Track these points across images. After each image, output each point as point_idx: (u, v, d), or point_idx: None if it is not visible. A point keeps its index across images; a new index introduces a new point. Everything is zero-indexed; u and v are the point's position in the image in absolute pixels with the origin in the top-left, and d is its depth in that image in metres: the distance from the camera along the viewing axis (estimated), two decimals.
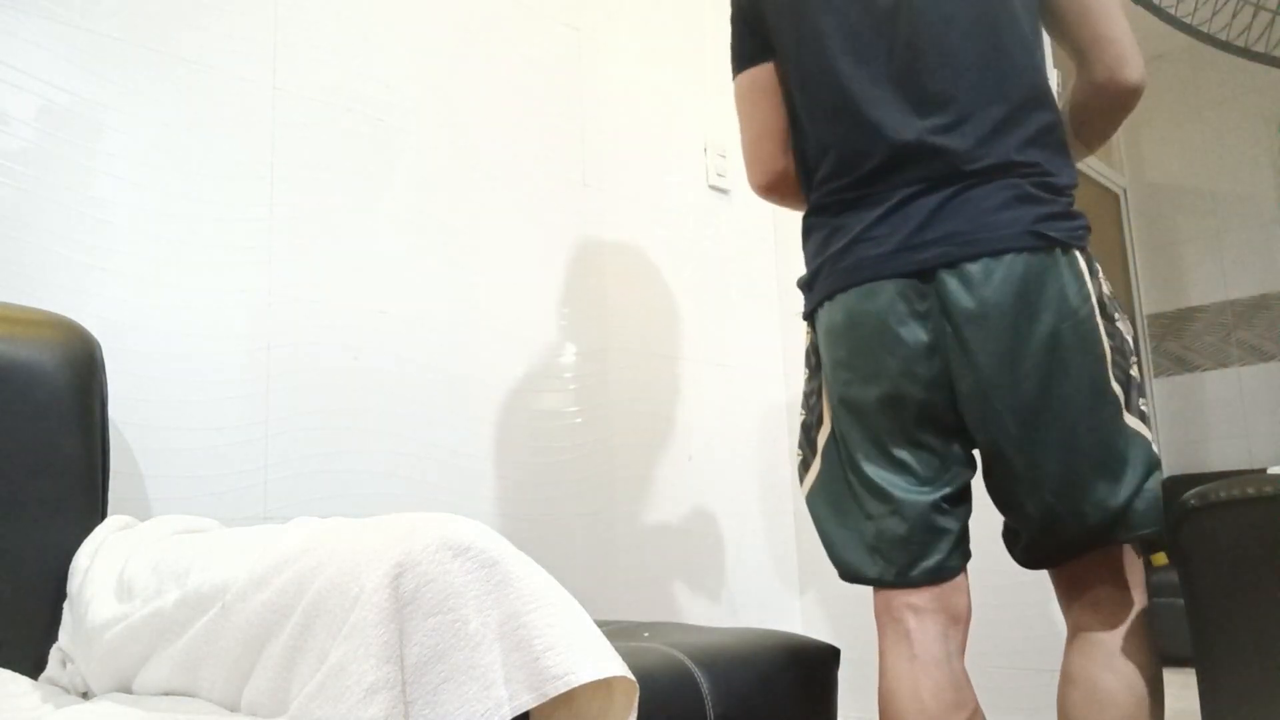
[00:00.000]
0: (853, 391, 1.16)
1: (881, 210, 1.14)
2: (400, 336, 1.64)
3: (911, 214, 1.12)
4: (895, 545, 1.15)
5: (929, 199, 1.11)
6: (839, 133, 1.18)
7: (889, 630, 1.17)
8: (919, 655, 1.14)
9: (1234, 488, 1.16)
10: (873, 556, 1.16)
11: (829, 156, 1.19)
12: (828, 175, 1.20)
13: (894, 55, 1.15)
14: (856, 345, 1.15)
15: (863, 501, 1.17)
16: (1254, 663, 1.12)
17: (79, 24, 1.34)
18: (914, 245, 1.10)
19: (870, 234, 1.14)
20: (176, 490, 1.35)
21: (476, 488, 1.70)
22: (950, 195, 1.10)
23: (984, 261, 1.08)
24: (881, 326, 1.12)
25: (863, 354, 1.15)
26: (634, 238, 2.08)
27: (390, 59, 1.70)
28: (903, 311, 1.11)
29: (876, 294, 1.12)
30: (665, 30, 2.26)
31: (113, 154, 1.35)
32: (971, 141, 1.11)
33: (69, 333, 1.14)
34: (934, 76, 1.13)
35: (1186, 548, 1.19)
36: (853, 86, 1.16)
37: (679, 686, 1.16)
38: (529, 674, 0.72)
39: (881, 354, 1.13)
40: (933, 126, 1.12)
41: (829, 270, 1.18)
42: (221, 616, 0.82)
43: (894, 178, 1.13)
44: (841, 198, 1.18)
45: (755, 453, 2.26)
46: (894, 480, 1.15)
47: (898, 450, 1.15)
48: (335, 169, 1.59)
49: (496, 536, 0.76)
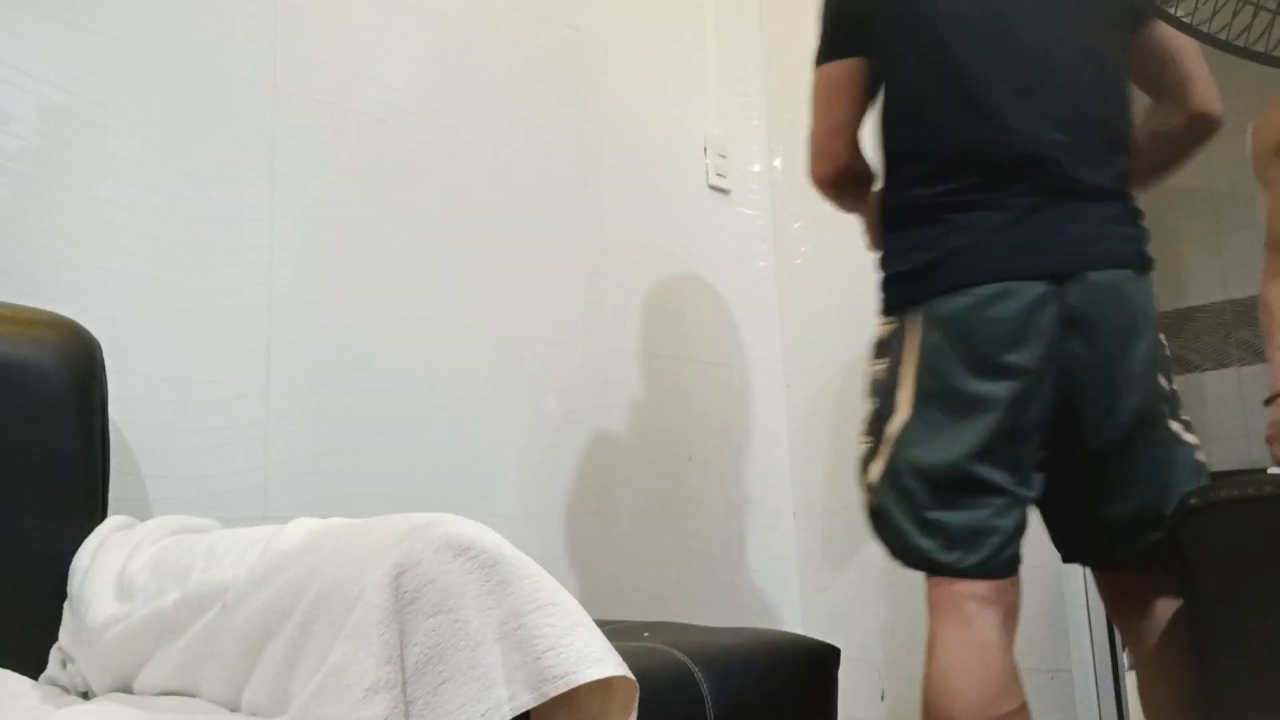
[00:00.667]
0: (969, 385, 1.18)
1: (1012, 214, 1.18)
2: (400, 336, 1.64)
3: (1041, 220, 1.17)
4: (976, 536, 1.17)
5: (1053, 209, 1.18)
6: (960, 130, 1.21)
7: (949, 615, 1.19)
8: (978, 640, 1.16)
9: (1234, 488, 1.16)
10: (949, 545, 1.18)
11: (941, 152, 1.22)
12: (938, 172, 1.22)
13: (1018, 65, 1.20)
14: (982, 341, 1.17)
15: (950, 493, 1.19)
16: (1254, 662, 1.12)
17: (79, 24, 1.34)
18: (1045, 250, 1.17)
19: (1003, 236, 1.18)
20: (176, 490, 1.35)
21: (477, 488, 1.70)
22: (1072, 208, 1.18)
23: (1108, 272, 1.17)
24: (1009, 326, 1.16)
25: (987, 349, 1.17)
26: (634, 238, 2.08)
27: (390, 59, 1.70)
28: (1031, 313, 1.16)
29: (1009, 294, 1.16)
30: (665, 30, 2.26)
31: (113, 154, 1.35)
32: (1087, 161, 1.19)
33: (69, 333, 1.14)
34: (1058, 94, 1.20)
35: (1186, 548, 1.19)
36: (980, 86, 1.20)
37: (679, 686, 1.16)
38: (529, 674, 0.72)
39: (1007, 352, 1.16)
40: (1054, 141, 1.18)
41: (950, 265, 1.20)
42: (222, 616, 0.82)
43: (1016, 184, 1.18)
44: (962, 198, 1.20)
45: (755, 453, 2.26)
46: (995, 475, 1.18)
47: (1005, 446, 1.18)
48: (335, 169, 1.59)
49: (497, 537, 0.76)
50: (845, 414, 2.23)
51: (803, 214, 2.37)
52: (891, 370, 1.25)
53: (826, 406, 2.27)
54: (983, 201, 1.20)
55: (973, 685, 1.14)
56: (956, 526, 1.18)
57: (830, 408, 2.27)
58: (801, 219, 2.38)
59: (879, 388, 1.27)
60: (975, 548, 1.18)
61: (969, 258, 1.19)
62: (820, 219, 2.34)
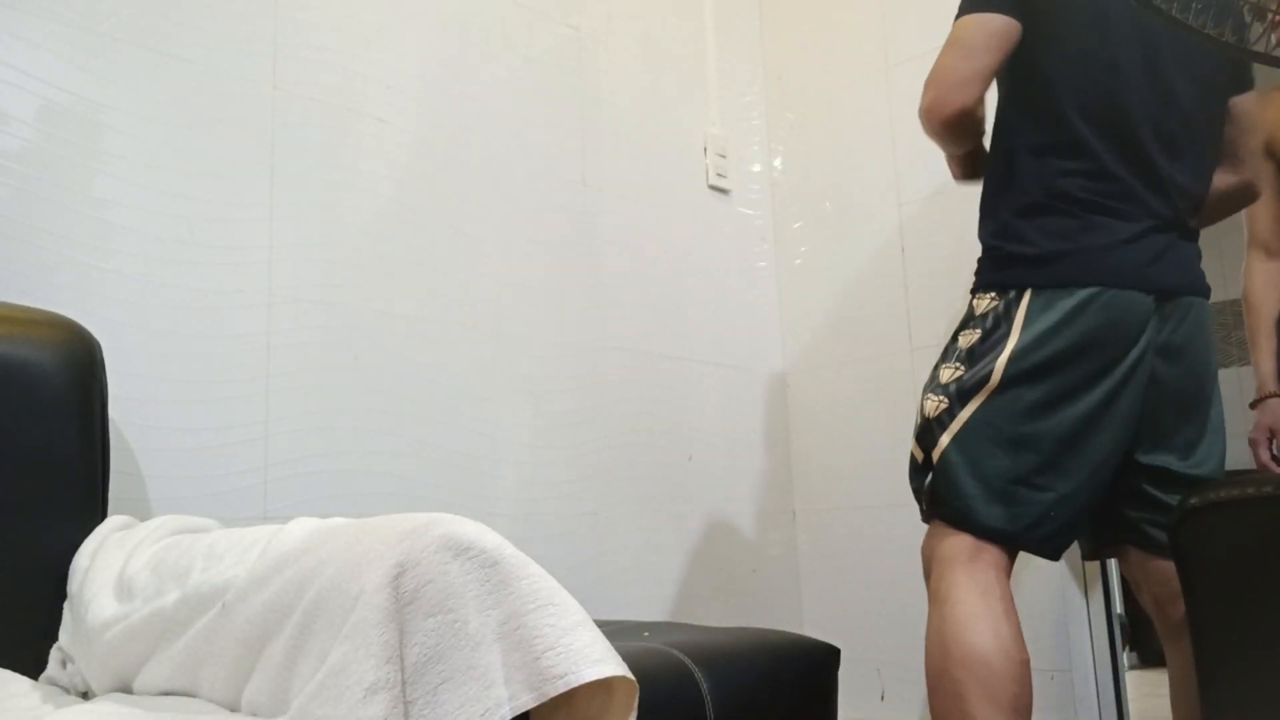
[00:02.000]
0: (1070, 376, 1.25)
1: (1139, 229, 1.29)
2: (400, 336, 1.64)
3: (1157, 242, 1.30)
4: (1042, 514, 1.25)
5: (1163, 236, 1.31)
6: (1108, 154, 1.30)
7: (968, 575, 1.24)
8: (998, 600, 1.22)
9: (1234, 488, 1.16)
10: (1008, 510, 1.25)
11: (1094, 147, 1.30)
12: (1084, 171, 1.30)
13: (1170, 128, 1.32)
14: (1104, 340, 1.26)
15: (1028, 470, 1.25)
16: (1254, 662, 1.12)
17: (79, 24, 1.34)
18: (1162, 271, 1.29)
19: (1134, 246, 1.28)
20: (176, 490, 1.35)
21: (477, 488, 1.70)
22: (1174, 239, 1.32)
23: (1194, 299, 1.32)
24: (1131, 332, 1.26)
25: (1105, 348, 1.26)
26: (634, 238, 2.08)
27: (390, 59, 1.70)
28: (1147, 323, 1.27)
29: (1136, 303, 1.27)
30: (665, 30, 2.26)
31: (113, 154, 1.35)
32: (1190, 205, 1.34)
33: (69, 333, 1.14)
34: (1195, 158, 1.34)
35: (1186, 547, 1.19)
36: (1133, 100, 1.31)
37: (679, 686, 1.16)
38: (529, 674, 0.72)
39: (1122, 353, 1.26)
40: (1183, 192, 1.33)
41: (1080, 260, 1.28)
42: (222, 616, 0.82)
43: (1144, 204, 1.30)
44: (1102, 202, 1.29)
45: (755, 453, 2.26)
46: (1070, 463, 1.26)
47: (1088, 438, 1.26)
48: (335, 169, 1.59)
49: (497, 536, 0.76)
50: (845, 414, 2.23)
51: (803, 214, 2.37)
52: (989, 343, 1.30)
53: (826, 406, 2.27)
54: (1119, 211, 1.29)
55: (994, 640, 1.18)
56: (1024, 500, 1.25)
57: (830, 408, 2.27)
58: (801, 219, 2.38)
59: (971, 356, 1.32)
60: (1039, 525, 1.26)
61: (1099, 258, 1.27)
62: (820, 219, 2.34)
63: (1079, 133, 1.31)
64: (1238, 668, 1.13)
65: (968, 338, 1.34)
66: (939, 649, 1.21)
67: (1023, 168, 1.35)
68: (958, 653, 1.18)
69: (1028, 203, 1.33)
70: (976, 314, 1.34)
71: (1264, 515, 1.13)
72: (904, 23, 2.21)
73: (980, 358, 1.30)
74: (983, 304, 1.34)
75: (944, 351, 1.36)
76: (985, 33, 1.34)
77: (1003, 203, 1.36)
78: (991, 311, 1.32)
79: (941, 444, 1.29)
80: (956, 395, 1.30)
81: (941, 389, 1.32)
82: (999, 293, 1.32)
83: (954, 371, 1.32)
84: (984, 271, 1.37)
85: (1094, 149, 1.30)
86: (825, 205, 2.33)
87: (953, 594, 1.23)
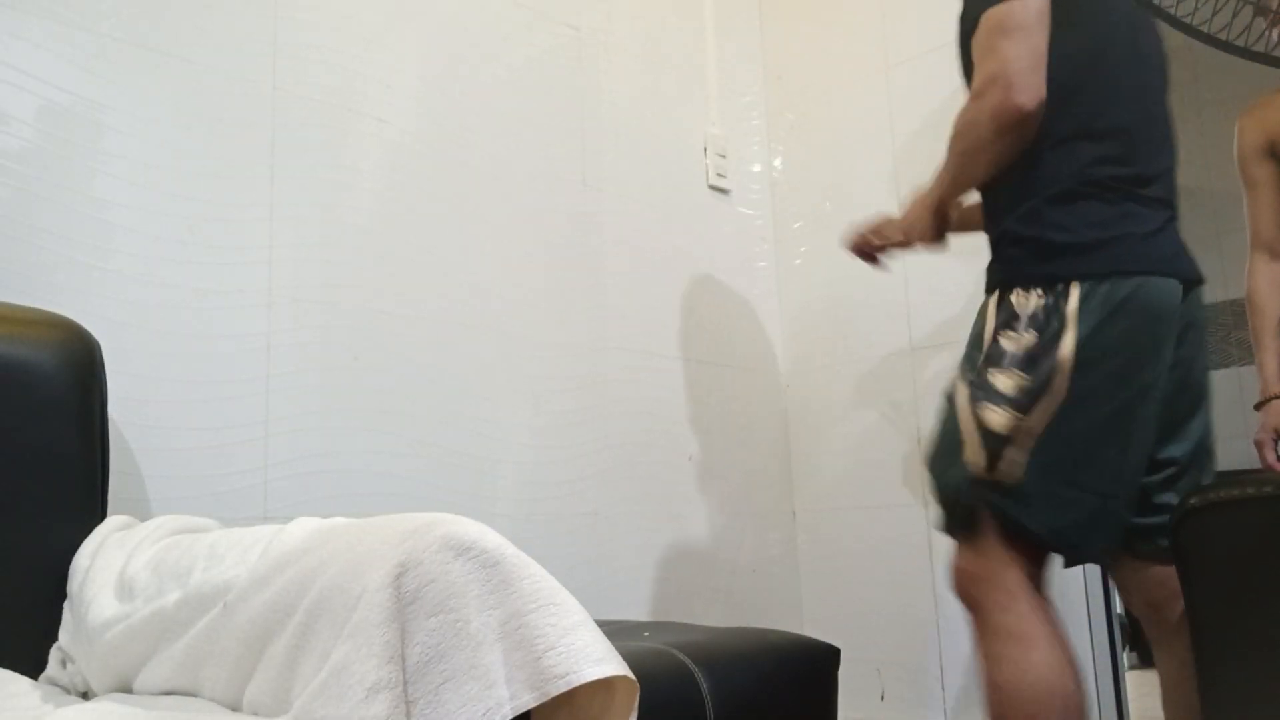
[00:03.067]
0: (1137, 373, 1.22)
1: (1165, 217, 1.28)
2: (400, 336, 1.64)
3: (1174, 231, 1.29)
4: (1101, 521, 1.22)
5: (1174, 225, 1.30)
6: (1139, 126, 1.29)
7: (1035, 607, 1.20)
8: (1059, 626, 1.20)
9: (1234, 488, 1.16)
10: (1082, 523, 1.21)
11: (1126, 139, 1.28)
12: (1124, 157, 1.27)
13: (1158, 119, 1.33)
14: (1153, 330, 1.22)
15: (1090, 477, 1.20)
16: (1254, 662, 1.12)
17: (79, 24, 1.34)
18: (1186, 259, 1.28)
19: (1164, 234, 1.27)
20: (176, 490, 1.35)
21: (477, 488, 1.70)
22: (1178, 228, 1.31)
23: (1198, 289, 1.30)
24: (1173, 321, 1.24)
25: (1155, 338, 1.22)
26: (634, 238, 2.08)
27: (390, 59, 1.70)
28: (1176, 308, 1.24)
29: (1175, 292, 1.24)
30: (665, 30, 2.26)
31: (113, 154, 1.35)
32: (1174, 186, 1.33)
33: (69, 333, 1.14)
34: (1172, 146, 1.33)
35: (1186, 547, 1.19)
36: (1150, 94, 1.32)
37: (679, 686, 1.16)
38: (530, 674, 0.72)
39: (1164, 344, 1.23)
40: (1172, 167, 1.32)
41: (1124, 248, 1.23)
42: (223, 616, 0.82)
43: (1159, 193, 1.29)
44: (1134, 190, 1.26)
45: (755, 453, 2.26)
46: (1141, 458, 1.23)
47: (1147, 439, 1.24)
48: (335, 169, 1.59)
49: (498, 536, 0.76)
50: (845, 414, 2.24)
51: (803, 214, 2.37)
52: (1044, 344, 1.21)
53: (826, 406, 2.27)
54: (1144, 199, 1.27)
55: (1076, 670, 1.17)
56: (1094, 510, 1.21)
57: (830, 408, 2.27)
58: (801, 219, 2.38)
59: (1030, 362, 1.21)
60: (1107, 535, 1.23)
61: (1142, 246, 1.24)
62: (820, 219, 2.34)
63: (1108, 120, 1.27)
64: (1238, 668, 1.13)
65: (1017, 340, 1.22)
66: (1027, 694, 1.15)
67: (1048, 156, 1.27)
68: (1059, 703, 1.14)
69: (1061, 190, 1.25)
70: (1023, 313, 1.24)
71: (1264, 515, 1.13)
72: (904, 23, 2.21)
73: (1040, 362, 1.20)
74: (1029, 302, 1.24)
75: (986, 355, 1.25)
76: (1034, 12, 1.25)
77: (1028, 190, 1.28)
78: (1040, 309, 1.22)
79: (1014, 459, 1.19)
80: (1025, 405, 1.19)
81: (1005, 400, 1.20)
82: (1045, 288, 1.23)
83: (1015, 380, 1.21)
84: (1020, 262, 1.27)
85: (1121, 137, 1.27)
86: (825, 205, 2.33)
87: (1028, 630, 1.18)
